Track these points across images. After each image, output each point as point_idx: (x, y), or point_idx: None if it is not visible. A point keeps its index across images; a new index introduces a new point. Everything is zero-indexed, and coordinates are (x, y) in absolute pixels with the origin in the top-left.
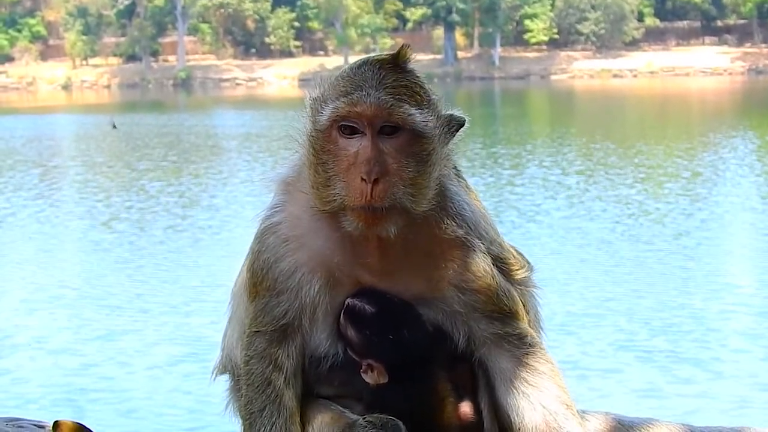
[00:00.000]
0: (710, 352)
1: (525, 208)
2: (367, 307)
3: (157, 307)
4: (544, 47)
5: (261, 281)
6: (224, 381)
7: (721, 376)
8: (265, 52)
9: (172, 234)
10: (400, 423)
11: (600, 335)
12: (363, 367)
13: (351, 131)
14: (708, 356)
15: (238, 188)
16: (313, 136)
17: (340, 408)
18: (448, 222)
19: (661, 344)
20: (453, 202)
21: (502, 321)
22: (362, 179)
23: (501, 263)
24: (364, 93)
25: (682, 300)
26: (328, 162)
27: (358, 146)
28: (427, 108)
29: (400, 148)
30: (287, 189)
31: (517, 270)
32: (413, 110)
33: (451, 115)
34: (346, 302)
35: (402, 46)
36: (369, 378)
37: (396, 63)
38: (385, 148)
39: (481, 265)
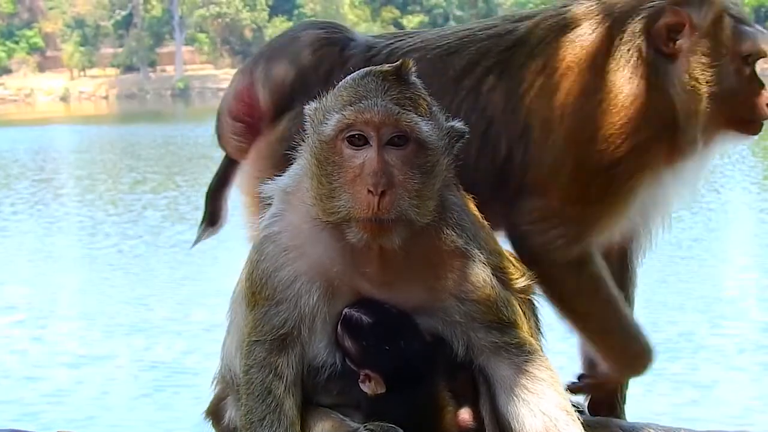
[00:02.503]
0: (708, 361)
1: None
2: (363, 317)
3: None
4: None
5: (260, 290)
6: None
7: (722, 385)
8: None
9: (155, 248)
10: (400, 430)
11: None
12: (361, 376)
13: (357, 142)
14: (706, 365)
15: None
16: (316, 147)
17: (341, 416)
18: (448, 232)
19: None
20: (452, 213)
21: (501, 330)
22: (369, 191)
23: (500, 273)
24: (370, 102)
25: (680, 309)
26: (333, 173)
27: (363, 157)
28: (430, 119)
29: (406, 160)
30: (287, 198)
31: (516, 279)
32: (419, 120)
33: (452, 126)
34: (343, 312)
35: (405, 59)
36: (367, 388)
37: (399, 75)
38: (390, 159)
39: (481, 275)
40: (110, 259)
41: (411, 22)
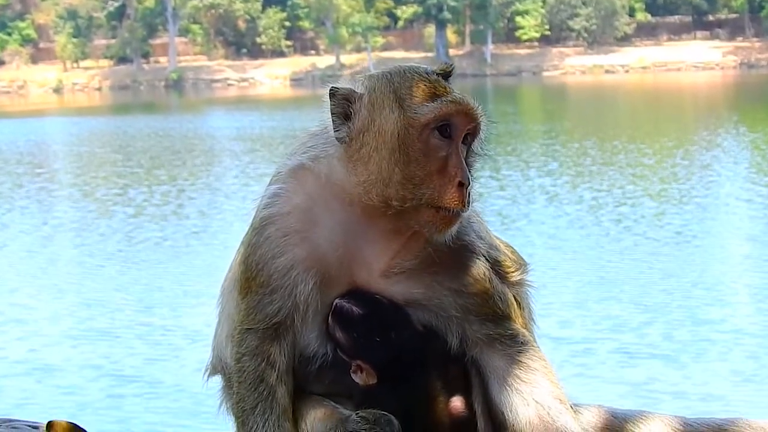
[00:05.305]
0: (700, 352)
1: (510, 211)
2: (354, 308)
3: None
4: (536, 44)
5: (255, 277)
6: (216, 380)
7: (713, 377)
8: (256, 52)
9: (129, 246)
10: (393, 417)
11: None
12: (352, 367)
13: (445, 133)
14: (698, 356)
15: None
16: (400, 131)
17: (333, 403)
18: None
19: (651, 362)
20: None
21: (495, 323)
22: (461, 183)
23: (498, 266)
24: (462, 97)
25: (672, 305)
26: (415, 160)
27: (448, 150)
28: None
29: (466, 157)
30: (299, 176)
31: (512, 272)
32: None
33: None
34: (334, 303)
35: (448, 64)
36: (358, 378)
37: (447, 78)
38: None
39: (479, 268)
40: (83, 259)
41: (405, 12)
